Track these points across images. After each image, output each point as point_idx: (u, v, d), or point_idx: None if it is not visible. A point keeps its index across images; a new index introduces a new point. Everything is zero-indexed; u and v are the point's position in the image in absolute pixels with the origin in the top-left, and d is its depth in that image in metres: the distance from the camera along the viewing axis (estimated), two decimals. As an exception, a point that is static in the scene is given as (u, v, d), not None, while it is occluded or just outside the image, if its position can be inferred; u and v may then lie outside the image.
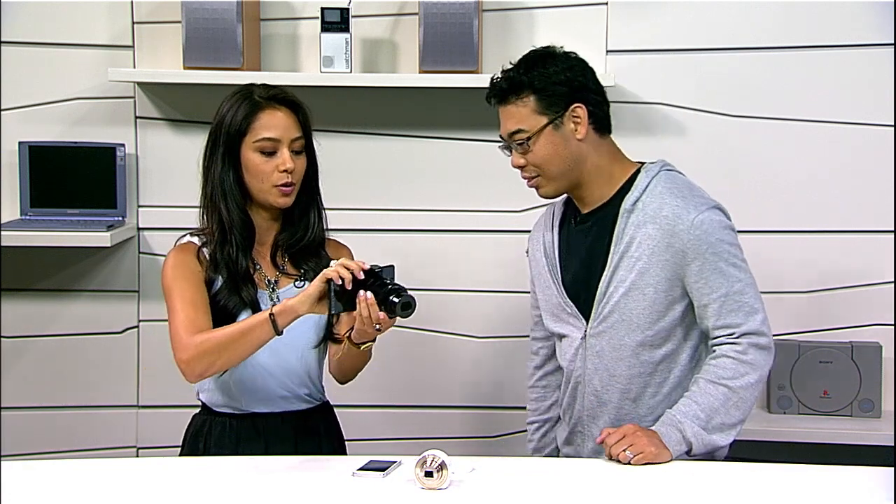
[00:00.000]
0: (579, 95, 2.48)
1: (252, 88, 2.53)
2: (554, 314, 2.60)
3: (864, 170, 3.43)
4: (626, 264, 2.46)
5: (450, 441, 3.53)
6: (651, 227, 2.44)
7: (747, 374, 2.40)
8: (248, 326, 2.35)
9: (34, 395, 3.64)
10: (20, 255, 3.52)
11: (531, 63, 2.49)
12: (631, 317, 2.46)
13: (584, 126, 2.48)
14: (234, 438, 2.54)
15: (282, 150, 2.48)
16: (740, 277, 2.43)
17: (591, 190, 2.53)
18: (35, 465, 2.44)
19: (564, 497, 2.20)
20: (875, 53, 3.39)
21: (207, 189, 2.50)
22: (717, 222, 2.45)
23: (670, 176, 2.52)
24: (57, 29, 3.51)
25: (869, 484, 2.24)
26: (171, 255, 2.51)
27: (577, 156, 2.49)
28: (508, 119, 2.51)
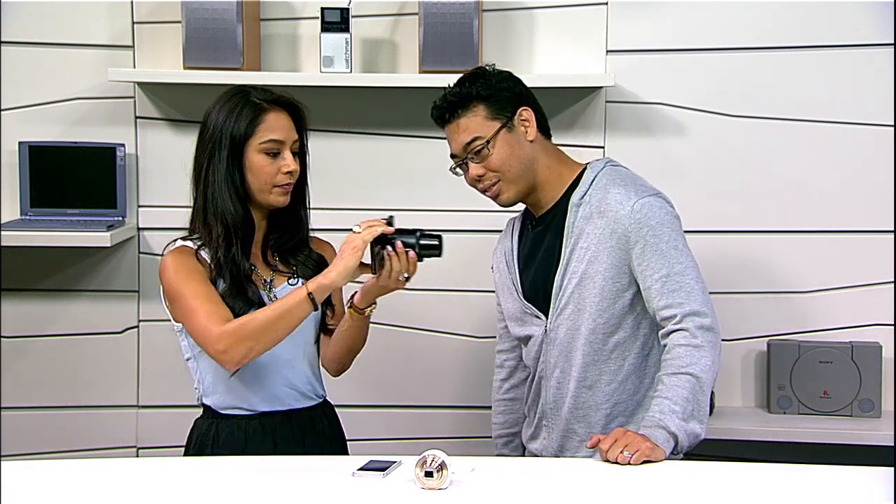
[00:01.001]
0: (523, 100, 2.60)
1: (248, 91, 2.54)
2: (517, 318, 2.69)
3: (864, 170, 3.44)
4: (577, 256, 2.54)
5: (450, 441, 3.53)
6: (596, 217, 2.53)
7: (703, 357, 2.43)
8: (286, 308, 2.38)
9: (34, 395, 3.64)
10: (20, 255, 3.52)
11: (471, 79, 2.59)
12: (584, 305, 2.54)
13: (532, 128, 2.58)
14: (242, 439, 2.54)
15: (285, 152, 2.51)
16: (680, 260, 2.48)
17: (544, 192, 2.62)
18: (35, 465, 2.44)
19: (564, 497, 2.20)
20: (875, 53, 3.39)
21: (207, 192, 2.50)
22: (658, 207, 2.52)
23: (614, 170, 2.62)
24: (57, 29, 3.52)
25: (869, 484, 2.24)
26: (169, 260, 2.50)
27: (530, 157, 2.59)
28: (461, 132, 2.59)
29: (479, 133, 2.56)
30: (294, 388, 2.57)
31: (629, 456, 2.32)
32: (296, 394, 2.58)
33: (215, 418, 2.58)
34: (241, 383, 2.54)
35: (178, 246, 2.53)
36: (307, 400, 2.60)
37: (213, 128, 2.51)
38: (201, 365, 2.55)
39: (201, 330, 2.41)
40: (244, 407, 2.55)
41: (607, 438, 2.37)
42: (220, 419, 2.57)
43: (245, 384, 2.54)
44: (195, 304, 2.43)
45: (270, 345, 2.41)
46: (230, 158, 2.48)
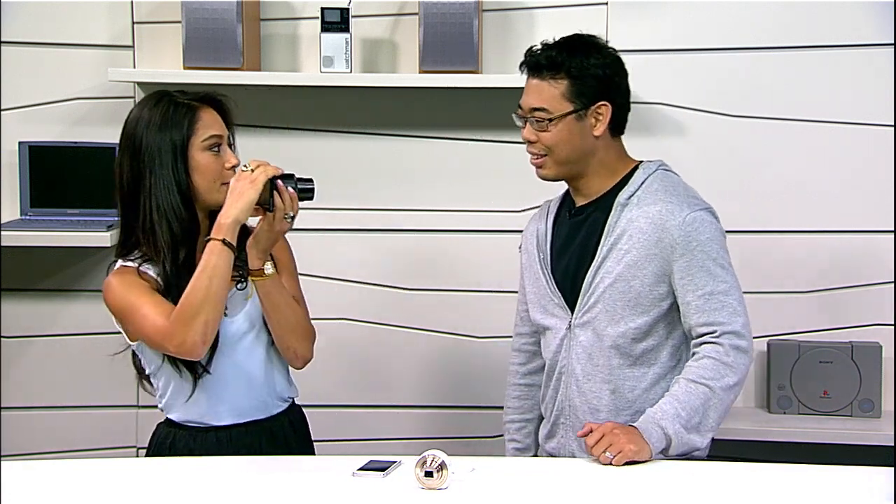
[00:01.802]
0: (608, 94, 2.50)
1: (169, 94, 2.48)
2: (541, 305, 2.61)
3: (864, 170, 3.44)
4: (614, 256, 2.48)
5: (449, 441, 3.53)
6: (643, 222, 2.47)
7: (727, 376, 2.40)
8: (210, 266, 2.32)
9: (34, 395, 3.64)
10: (20, 255, 3.52)
11: (574, 48, 2.49)
12: (615, 308, 2.48)
13: (603, 125, 2.50)
14: (196, 450, 2.51)
15: (224, 147, 2.48)
16: (726, 279, 2.45)
17: (591, 183, 2.55)
18: (35, 465, 2.44)
19: (564, 497, 2.20)
20: (875, 53, 3.39)
21: (151, 204, 2.42)
22: (708, 223, 2.47)
23: (666, 175, 2.56)
24: (57, 29, 3.52)
25: (869, 484, 2.24)
26: (110, 280, 2.45)
27: (587, 150, 2.51)
28: (534, 94, 2.50)
29: (548, 106, 2.48)
30: (257, 399, 2.52)
31: (611, 457, 2.32)
32: (257, 404, 2.53)
33: (173, 427, 2.55)
34: (201, 402, 2.49)
35: (117, 268, 2.47)
36: (268, 410, 2.55)
37: (145, 138, 2.43)
38: (161, 382, 2.52)
39: (154, 332, 2.37)
40: (203, 421, 2.52)
41: (595, 433, 2.36)
42: (177, 429, 2.54)
43: (206, 402, 2.50)
44: (143, 310, 2.38)
45: (220, 307, 2.35)
46: (174, 164, 2.42)
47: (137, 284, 2.42)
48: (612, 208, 2.51)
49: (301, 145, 3.52)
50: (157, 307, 2.38)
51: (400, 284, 3.57)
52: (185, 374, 2.47)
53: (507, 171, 3.51)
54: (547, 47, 2.51)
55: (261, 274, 2.43)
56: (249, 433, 2.52)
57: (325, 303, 3.54)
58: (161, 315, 2.36)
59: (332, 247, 3.51)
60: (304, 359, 2.56)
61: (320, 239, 3.49)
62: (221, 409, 2.51)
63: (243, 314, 2.49)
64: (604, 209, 2.53)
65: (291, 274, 2.57)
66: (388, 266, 3.56)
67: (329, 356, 3.56)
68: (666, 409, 2.38)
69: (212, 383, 2.48)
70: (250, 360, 2.51)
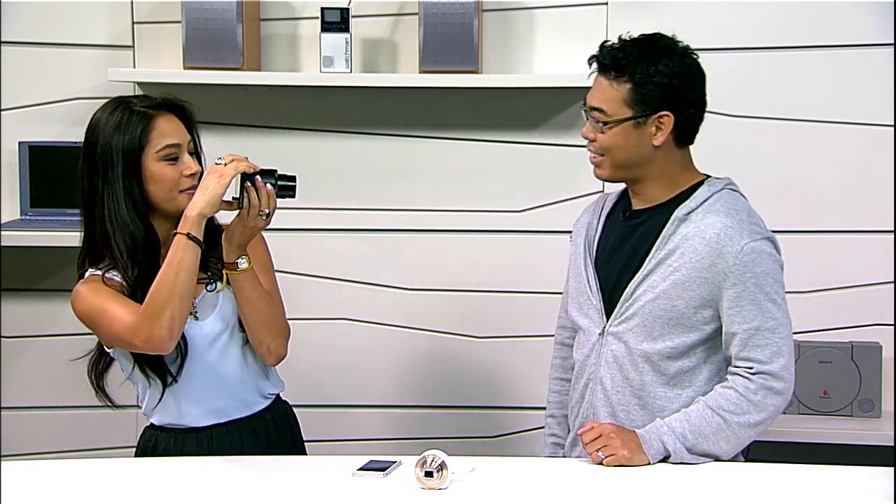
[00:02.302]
0: (673, 104, 2.38)
1: (129, 100, 2.46)
2: (578, 302, 2.53)
3: (864, 170, 3.43)
4: (661, 271, 2.38)
5: (450, 441, 3.53)
6: (698, 242, 2.37)
7: (749, 413, 2.33)
8: (175, 261, 2.30)
9: (34, 395, 3.64)
10: (20, 255, 3.52)
11: (644, 50, 2.38)
12: (653, 325, 2.39)
13: (664, 135, 2.39)
14: (178, 451, 2.50)
15: (183, 155, 2.44)
16: (775, 315, 2.35)
17: (650, 190, 2.46)
18: (35, 465, 2.44)
19: (564, 497, 2.20)
20: (875, 53, 3.39)
21: (105, 214, 2.39)
22: (767, 254, 2.37)
23: (732, 196, 2.46)
24: (57, 29, 3.52)
25: (869, 484, 2.24)
26: (77, 289, 2.45)
27: (645, 157, 2.41)
28: (597, 92, 2.42)
29: (607, 108, 2.38)
30: (236, 398, 2.51)
31: (603, 457, 2.32)
32: (237, 403, 2.52)
33: (155, 430, 2.55)
34: (178, 405, 2.49)
35: (85, 277, 2.46)
36: (249, 408, 2.53)
37: (99, 145, 2.41)
38: (139, 387, 2.52)
39: (121, 329, 2.35)
40: (182, 423, 2.51)
41: (593, 431, 2.36)
42: (159, 431, 2.54)
43: (183, 405, 2.49)
44: (110, 312, 2.36)
45: (187, 301, 2.32)
46: (126, 174, 2.39)
47: (103, 290, 2.40)
48: (669, 221, 2.41)
49: (301, 145, 3.52)
50: (123, 307, 2.36)
51: (400, 284, 3.57)
52: (154, 382, 2.46)
53: (507, 171, 3.51)
54: (617, 46, 2.40)
55: (234, 268, 2.41)
56: (230, 433, 2.51)
57: (325, 303, 3.54)
58: (129, 313, 2.34)
59: (332, 247, 3.51)
60: (277, 355, 2.52)
61: (320, 239, 3.50)
62: (198, 410, 2.50)
63: (215, 315, 2.47)
64: (660, 219, 2.43)
65: (266, 269, 2.52)
66: (388, 266, 3.56)
67: (328, 356, 3.56)
68: (674, 427, 2.35)
69: (187, 387, 2.47)
70: (225, 360, 2.49)
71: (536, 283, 3.51)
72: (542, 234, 3.51)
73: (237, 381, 2.51)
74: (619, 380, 2.45)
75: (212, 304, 2.48)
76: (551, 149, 3.49)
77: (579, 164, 3.50)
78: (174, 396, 2.48)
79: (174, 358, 2.44)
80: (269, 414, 2.58)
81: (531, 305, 3.53)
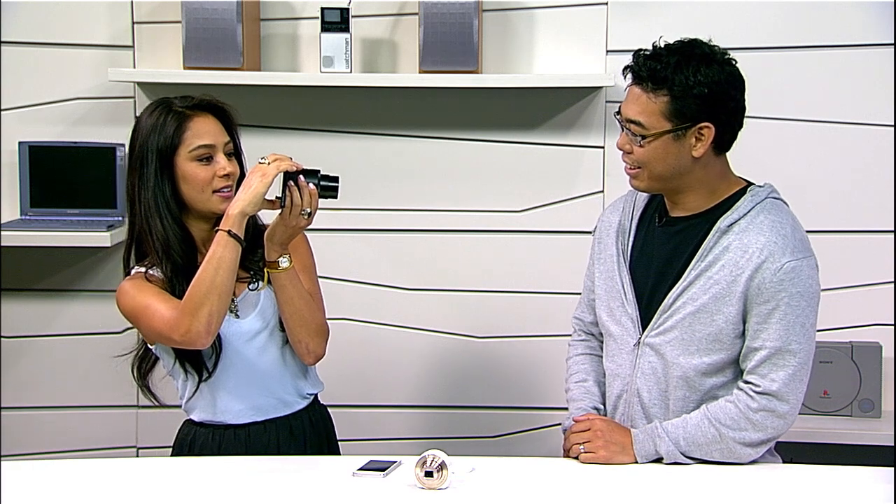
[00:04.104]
0: (713, 114, 2.32)
1: (170, 101, 2.49)
2: (609, 307, 2.46)
3: (864, 170, 3.43)
4: (701, 283, 2.32)
5: (450, 441, 3.53)
6: (740, 255, 2.30)
7: (746, 430, 2.30)
8: (216, 258, 2.32)
9: (34, 395, 3.64)
10: (20, 255, 3.52)
11: (682, 61, 2.29)
12: (692, 339, 2.33)
13: (704, 146, 2.32)
14: (215, 450, 2.52)
15: (218, 156, 2.46)
16: (800, 340, 2.28)
17: (688, 199, 2.39)
18: (35, 465, 2.44)
19: (564, 497, 2.20)
20: (875, 53, 3.39)
21: (141, 210, 2.45)
22: (807, 276, 2.30)
23: (776, 206, 2.40)
24: (57, 29, 3.51)
25: (869, 484, 2.25)
26: (123, 286, 2.47)
27: (685, 168, 2.34)
28: (633, 104, 2.33)
29: (645, 122, 2.30)
30: (274, 397, 2.54)
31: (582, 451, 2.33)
32: (276, 402, 2.54)
33: (194, 425, 2.57)
34: (213, 400, 2.51)
35: (132, 275, 2.49)
36: (288, 407, 2.56)
37: (138, 146, 2.45)
38: (179, 382, 2.54)
39: (161, 324, 2.37)
40: (220, 420, 2.53)
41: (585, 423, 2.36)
42: (197, 426, 2.56)
43: (216, 401, 2.51)
44: (151, 307, 2.39)
45: (226, 298, 2.34)
46: (158, 173, 2.43)
47: (146, 287, 2.44)
48: (711, 232, 2.34)
49: (301, 145, 3.52)
50: (164, 302, 2.39)
51: (400, 284, 3.57)
52: (192, 376, 2.48)
53: (507, 171, 3.51)
54: (653, 56, 2.31)
55: (276, 266, 2.43)
56: (268, 431, 2.54)
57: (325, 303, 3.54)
58: (168, 308, 2.37)
59: (331, 247, 3.50)
60: (315, 355, 2.54)
61: (320, 239, 3.47)
62: (236, 408, 2.52)
63: (256, 314, 2.49)
64: (700, 228, 2.36)
65: (307, 269, 2.56)
66: (389, 266, 3.56)
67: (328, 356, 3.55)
68: (670, 432, 2.33)
69: (225, 382, 2.50)
70: (264, 358, 2.51)
71: (536, 283, 3.51)
72: (542, 234, 3.51)
73: (275, 379, 2.54)
74: (656, 392, 2.40)
75: (253, 302, 2.50)
76: (551, 149, 3.49)
77: (579, 164, 3.51)
78: (213, 392, 2.50)
79: (210, 353, 2.46)
80: (307, 414, 2.60)
81: (531, 305, 3.53)
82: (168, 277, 2.44)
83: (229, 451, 2.52)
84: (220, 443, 2.53)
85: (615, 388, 2.47)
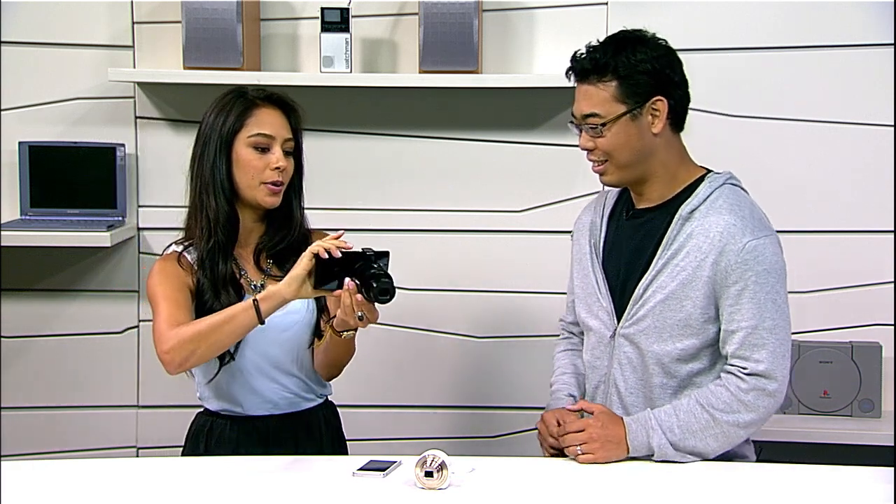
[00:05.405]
0: (663, 88, 2.40)
1: (245, 88, 2.56)
2: (587, 303, 2.53)
3: (864, 170, 3.43)
4: (669, 271, 2.38)
5: (450, 441, 3.53)
6: (702, 240, 2.36)
7: (739, 412, 2.33)
8: (231, 314, 2.35)
9: (34, 395, 3.64)
10: (20, 255, 3.52)
11: (619, 46, 2.40)
12: (664, 326, 2.39)
13: (661, 121, 2.41)
14: (233, 440, 2.55)
15: (274, 148, 2.51)
16: (774, 315, 2.33)
17: (653, 188, 2.46)
18: (35, 465, 2.44)
19: (564, 497, 2.20)
20: (875, 53, 3.39)
21: (196, 185, 2.52)
22: (771, 253, 2.36)
23: (734, 191, 2.45)
24: (57, 29, 3.52)
25: (869, 484, 2.25)
26: (155, 265, 2.53)
27: (648, 149, 2.41)
28: (585, 100, 2.41)
29: (600, 111, 2.38)
30: (289, 392, 2.57)
31: (580, 453, 2.34)
32: (291, 397, 2.57)
33: (210, 416, 2.60)
34: (230, 389, 2.54)
35: (168, 252, 2.54)
36: (304, 402, 2.60)
37: (206, 125, 2.53)
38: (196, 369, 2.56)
39: (157, 330, 2.41)
40: (237, 411, 2.56)
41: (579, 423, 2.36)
42: (214, 417, 2.59)
43: (234, 390, 2.54)
44: (161, 306, 2.43)
45: (214, 350, 2.38)
46: (217, 153, 2.49)
47: (172, 276, 2.47)
48: (673, 220, 2.40)
49: (301, 145, 3.52)
50: (173, 310, 2.41)
51: (399, 284, 3.54)
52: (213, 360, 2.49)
53: (507, 171, 3.51)
54: (591, 49, 2.41)
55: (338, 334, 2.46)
56: (285, 426, 2.56)
57: (325, 303, 3.55)
58: (170, 322, 2.39)
59: (332, 247, 3.51)
60: (331, 378, 2.66)
61: (320, 239, 3.50)
62: (255, 399, 2.54)
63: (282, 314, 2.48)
64: (664, 218, 2.43)
65: None
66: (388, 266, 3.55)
67: (329, 356, 3.56)
68: (662, 421, 2.34)
69: (245, 372, 2.52)
70: (284, 353, 2.54)
71: (536, 283, 3.51)
72: (542, 234, 3.51)
73: (294, 375, 2.57)
74: (633, 382, 2.45)
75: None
76: (551, 149, 3.49)
77: (579, 165, 3.50)
78: (231, 379, 2.53)
79: None
80: (321, 412, 2.64)
81: (531, 305, 3.53)
82: (201, 258, 2.48)
83: (247, 443, 2.54)
84: (238, 432, 2.55)
85: (593, 380, 2.53)
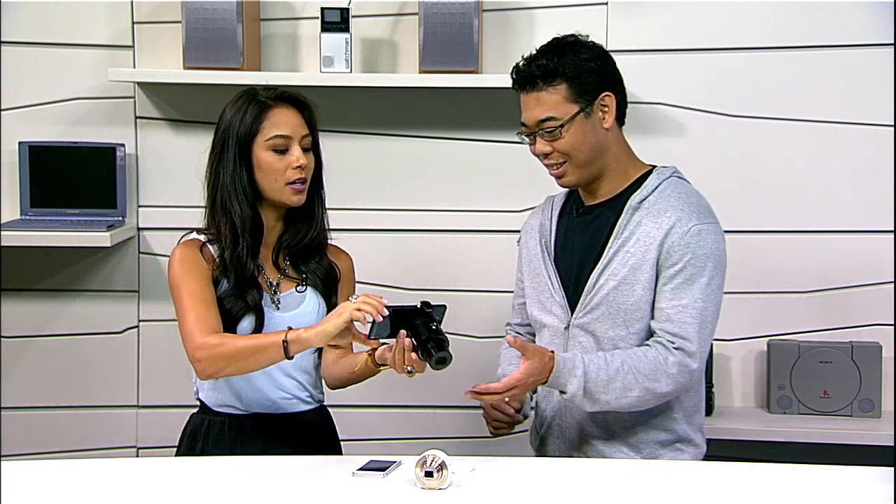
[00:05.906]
0: (608, 84, 2.50)
1: (256, 90, 2.56)
2: (540, 301, 2.59)
3: (864, 170, 3.44)
4: (620, 259, 2.47)
5: (450, 441, 3.53)
6: (652, 227, 2.46)
7: (660, 381, 2.40)
8: (262, 345, 2.37)
9: (34, 395, 3.64)
10: (20, 255, 3.52)
11: (560, 50, 2.48)
12: (618, 311, 2.47)
13: (611, 115, 2.49)
14: (232, 438, 2.55)
15: (293, 147, 2.51)
16: (706, 298, 2.42)
17: (605, 184, 2.54)
18: (35, 465, 2.44)
19: (564, 497, 2.20)
20: (875, 53, 3.39)
21: (216, 193, 2.52)
22: (713, 240, 2.45)
23: (680, 183, 2.55)
24: (57, 29, 3.51)
25: (869, 484, 2.25)
26: (177, 252, 2.52)
27: (602, 145, 2.50)
28: (537, 107, 2.48)
29: (555, 114, 2.46)
30: (288, 393, 2.57)
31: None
32: (290, 398, 2.58)
33: (208, 414, 2.59)
34: (231, 384, 2.55)
35: (189, 238, 2.54)
36: (302, 404, 2.60)
37: (222, 129, 2.52)
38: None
39: (187, 333, 2.42)
40: (237, 406, 2.57)
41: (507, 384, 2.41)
42: (212, 415, 2.59)
43: (235, 385, 2.55)
44: (188, 303, 2.43)
45: (240, 372, 2.44)
46: (237, 158, 2.49)
47: (197, 268, 2.47)
48: (623, 211, 2.49)
49: (301, 145, 3.52)
50: (203, 312, 2.42)
51: (400, 284, 3.57)
52: None
53: (507, 171, 3.51)
54: (533, 58, 2.49)
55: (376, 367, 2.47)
56: (282, 428, 2.57)
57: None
58: (202, 326, 2.41)
59: (331, 247, 3.51)
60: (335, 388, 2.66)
61: (320, 239, 3.50)
62: (253, 395, 2.54)
63: (295, 313, 2.52)
64: (613, 210, 2.52)
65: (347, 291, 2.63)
66: (388, 266, 3.56)
67: (329, 356, 3.56)
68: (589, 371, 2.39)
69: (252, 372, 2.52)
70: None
71: (536, 283, 3.51)
72: (542, 234, 3.50)
73: (295, 377, 2.57)
74: None
75: (296, 302, 2.55)
76: (551, 149, 3.49)
77: (579, 164, 3.52)
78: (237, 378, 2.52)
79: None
80: (317, 415, 2.65)
81: (531, 305, 3.52)
82: (227, 260, 2.48)
83: (244, 441, 2.54)
84: (236, 430, 2.55)
85: None
